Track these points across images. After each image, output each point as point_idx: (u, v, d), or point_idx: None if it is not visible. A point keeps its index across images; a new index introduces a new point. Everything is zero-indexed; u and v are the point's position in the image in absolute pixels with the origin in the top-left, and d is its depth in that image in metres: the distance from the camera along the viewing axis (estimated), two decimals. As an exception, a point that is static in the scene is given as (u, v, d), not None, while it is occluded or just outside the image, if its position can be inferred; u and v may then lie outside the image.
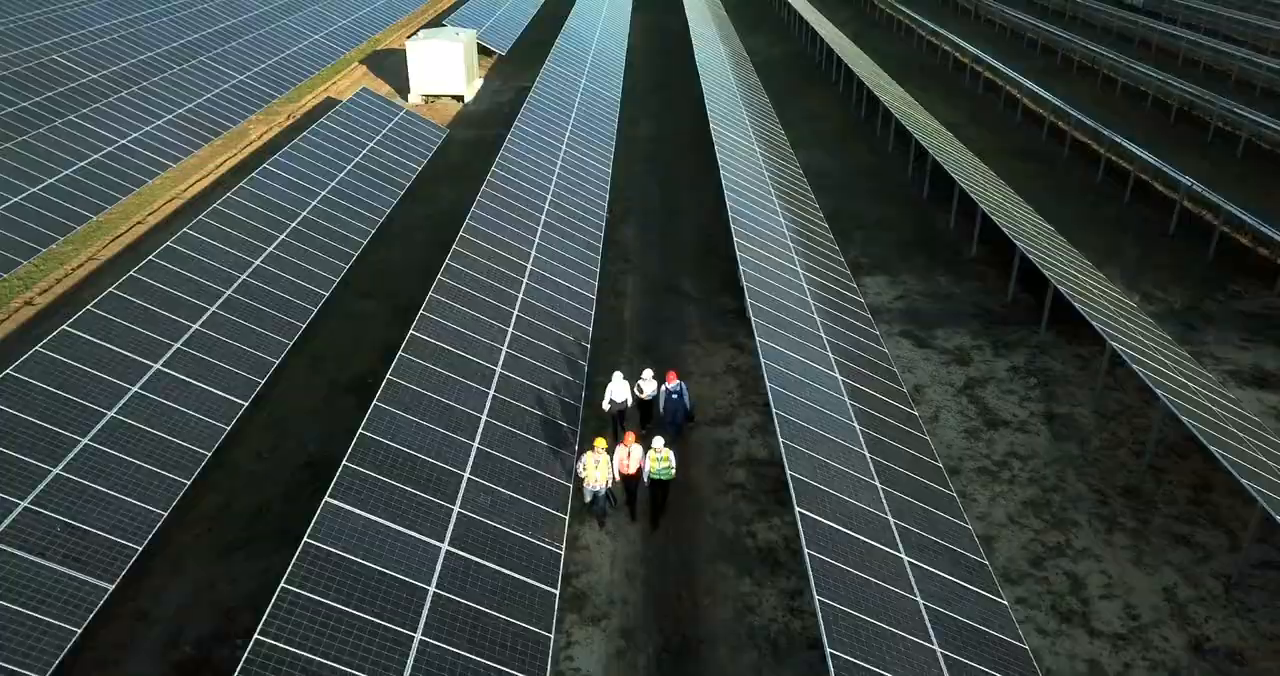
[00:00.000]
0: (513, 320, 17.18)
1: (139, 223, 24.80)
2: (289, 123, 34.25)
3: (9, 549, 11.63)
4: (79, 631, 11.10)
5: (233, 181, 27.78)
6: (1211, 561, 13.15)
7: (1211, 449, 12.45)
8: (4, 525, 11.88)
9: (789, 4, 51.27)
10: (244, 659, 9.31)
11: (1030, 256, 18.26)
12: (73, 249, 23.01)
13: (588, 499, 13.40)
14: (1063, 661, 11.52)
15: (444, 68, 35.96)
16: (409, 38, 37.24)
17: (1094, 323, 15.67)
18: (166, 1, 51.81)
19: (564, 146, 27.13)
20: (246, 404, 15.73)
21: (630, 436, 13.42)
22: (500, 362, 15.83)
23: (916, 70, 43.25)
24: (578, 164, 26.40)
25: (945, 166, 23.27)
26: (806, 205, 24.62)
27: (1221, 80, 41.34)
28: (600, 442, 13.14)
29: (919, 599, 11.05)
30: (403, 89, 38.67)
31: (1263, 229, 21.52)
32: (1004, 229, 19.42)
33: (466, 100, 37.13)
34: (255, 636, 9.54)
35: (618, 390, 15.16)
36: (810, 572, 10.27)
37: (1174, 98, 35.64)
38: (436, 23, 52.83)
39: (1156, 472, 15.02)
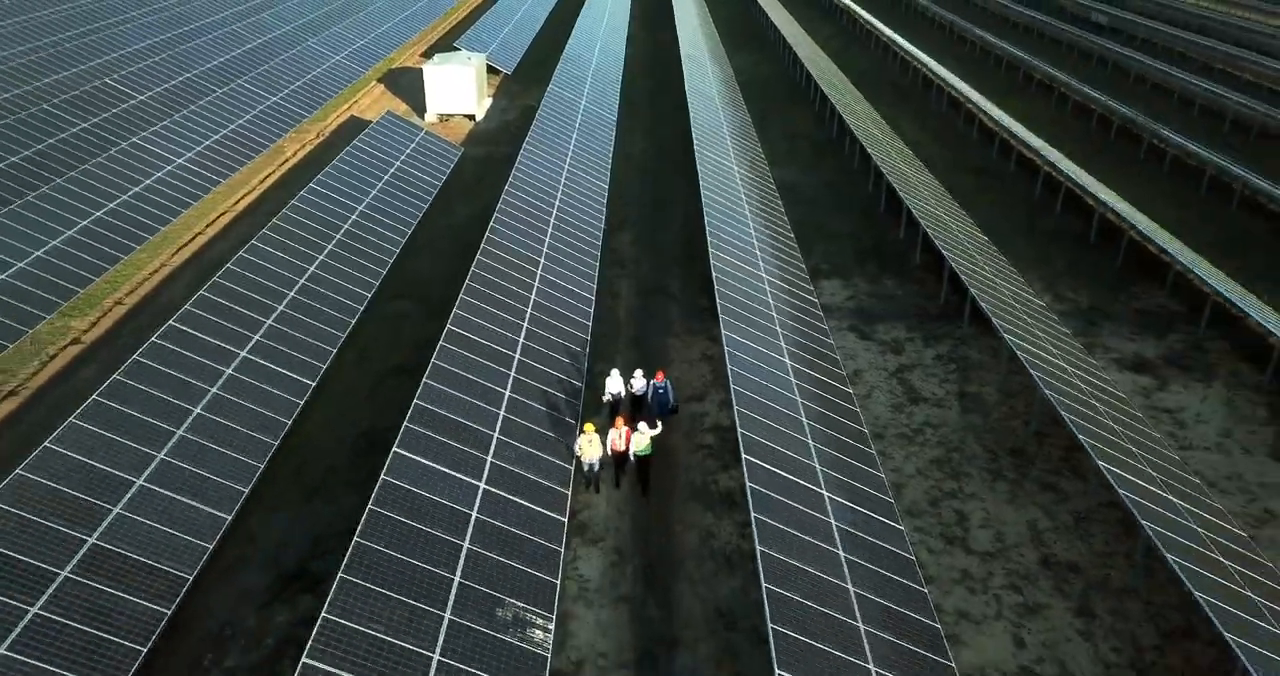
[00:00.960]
0: (527, 317, 21.07)
1: (199, 234, 28.65)
2: (319, 140, 38.09)
3: (156, 488, 15.52)
4: (210, 547, 14.97)
5: (275, 196, 31.70)
6: (1069, 502, 17.05)
7: (1064, 414, 16.33)
8: (151, 467, 15.77)
9: (774, 24, 55.07)
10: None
11: (954, 264, 22.15)
12: (146, 257, 26.87)
13: (585, 469, 17.09)
14: (943, 570, 15.41)
15: (458, 90, 39.83)
16: (426, 63, 41.11)
17: (994, 319, 19.56)
18: (197, 21, 55.67)
19: (566, 166, 31.02)
20: (314, 384, 19.62)
21: (620, 421, 17.13)
22: (519, 350, 19.71)
23: (889, 88, 47.17)
24: (579, 181, 30.29)
25: (894, 184, 27.17)
26: (776, 218, 28.51)
27: (1166, 98, 45.25)
28: (589, 427, 16.80)
29: (833, 521, 14.94)
30: (419, 107, 42.55)
31: (1156, 239, 25.40)
32: (936, 241, 23.32)
33: (477, 119, 41.01)
34: (355, 538, 13.42)
35: (613, 384, 18.88)
36: (750, 500, 14.14)
37: (1116, 116, 39.52)
38: (445, 40, 56.68)
39: (1039, 437, 18.91)
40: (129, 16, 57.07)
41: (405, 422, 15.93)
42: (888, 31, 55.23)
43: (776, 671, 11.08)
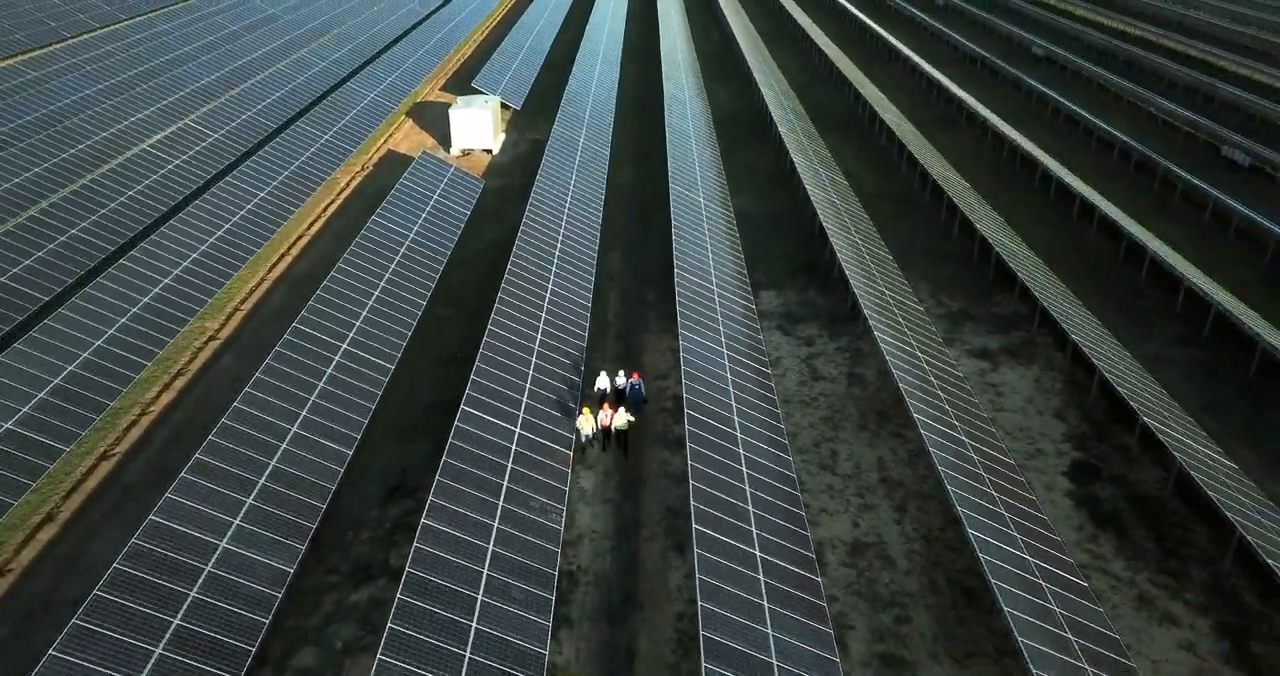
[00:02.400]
0: (542, 320, 29.42)
1: (285, 254, 36.99)
2: (364, 173, 46.41)
3: (306, 434, 23.85)
4: (341, 470, 23.32)
5: (337, 223, 40.02)
6: (908, 445, 25.42)
7: (901, 386, 24.65)
8: (299, 421, 24.09)
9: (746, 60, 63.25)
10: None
11: (851, 278, 30.50)
12: (248, 272, 35.21)
13: (582, 440, 25.28)
14: (815, 485, 23.77)
15: (478, 129, 48.14)
16: (451, 107, 49.41)
17: (869, 318, 27.90)
18: (245, 56, 63.89)
19: (569, 199, 39.36)
20: (393, 367, 27.99)
21: (606, 405, 25.28)
22: (537, 343, 28.06)
23: (839, 122, 55.50)
24: (578, 213, 38.65)
25: (820, 214, 35.49)
26: (730, 241, 36.87)
27: (1073, 129, 53.55)
28: (586, 410, 24.95)
29: (742, 451, 23.29)
30: (444, 140, 50.86)
31: (1014, 258, 33.75)
32: (841, 258, 31.66)
33: (494, 152, 49.33)
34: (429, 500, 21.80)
35: (602, 381, 27.00)
36: (689, 442, 22.44)
37: (1022, 151, 47.80)
38: (460, 70, 64.93)
39: (897, 404, 27.28)
40: (185, 52, 65.29)
41: (467, 391, 24.28)
42: (844, 68, 63.49)
43: (694, 527, 19.43)
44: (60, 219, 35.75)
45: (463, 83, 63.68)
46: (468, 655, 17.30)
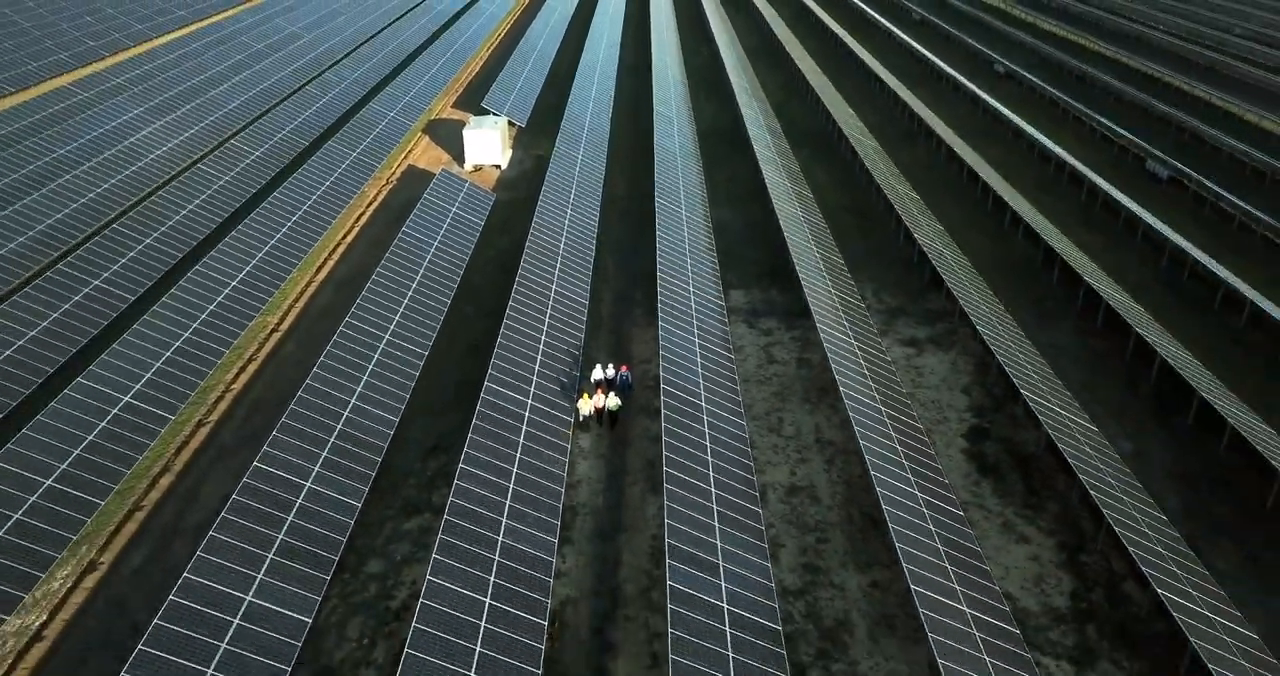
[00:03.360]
0: (547, 317, 35.76)
1: (327, 259, 43.32)
2: (389, 186, 52.74)
3: (364, 406, 30.23)
4: (391, 432, 29.68)
5: (369, 231, 46.34)
6: (840, 415, 31.76)
7: (833, 368, 30.96)
8: (356, 392, 30.46)
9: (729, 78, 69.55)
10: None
11: (803, 281, 36.81)
12: (299, 274, 41.55)
13: (580, 418, 31.54)
14: (763, 443, 30.11)
15: (488, 147, 54.45)
16: (465, 127, 55.72)
17: (814, 312, 34.21)
18: (273, 76, 70.14)
19: (569, 211, 45.70)
20: (426, 353, 34.33)
21: (600, 391, 31.55)
22: (542, 340, 34.42)
23: (811, 139, 61.84)
24: (577, 223, 44.99)
25: (783, 225, 41.79)
26: (708, 248, 43.20)
27: (1020, 144, 59.81)
28: (585, 395, 31.21)
29: (706, 418, 29.63)
30: (458, 156, 57.18)
31: (943, 261, 40.06)
32: (797, 264, 37.97)
33: (503, 167, 55.65)
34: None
35: (597, 372, 33.27)
36: (664, 411, 28.73)
37: (970, 163, 54.10)
38: (469, 87, 71.21)
39: (833, 382, 33.61)
40: (218, 72, 71.55)
41: (489, 373, 30.64)
42: (819, 86, 69.79)
43: (665, 470, 25.75)
44: (136, 230, 42.07)
45: (471, 99, 69.99)
46: (496, 559, 23.66)
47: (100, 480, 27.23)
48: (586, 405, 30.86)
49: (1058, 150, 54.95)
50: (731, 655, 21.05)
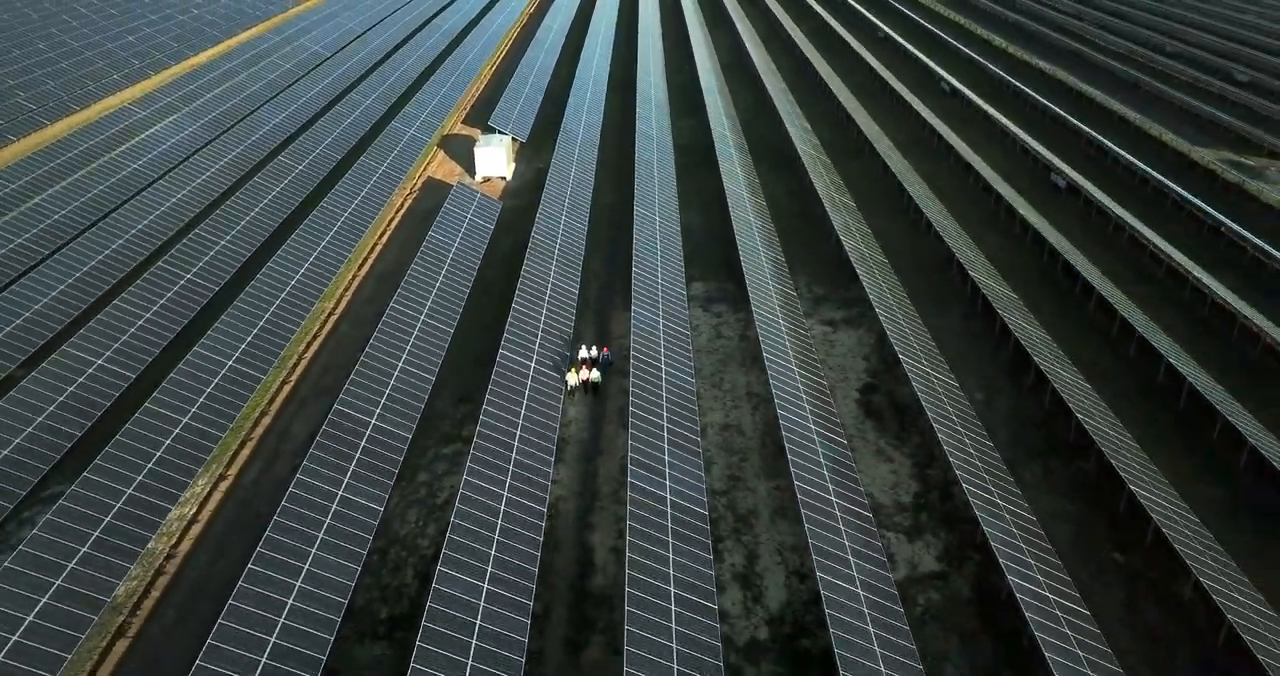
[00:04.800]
0: (545, 304, 45.87)
1: (366, 258, 53.41)
2: (413, 195, 62.83)
3: (411, 370, 40.40)
4: (430, 387, 39.81)
5: (399, 235, 56.39)
6: (765, 376, 41.94)
7: (761, 338, 41.06)
8: (400, 363, 40.63)
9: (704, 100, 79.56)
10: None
11: (746, 273, 46.89)
12: (345, 269, 51.63)
13: (568, 388, 41.66)
14: (708, 395, 40.26)
15: (496, 161, 64.50)
16: (475, 144, 65.74)
17: (752, 298, 44.33)
18: (304, 95, 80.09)
19: (563, 217, 55.81)
20: (452, 331, 44.47)
21: (584, 366, 41.63)
22: (542, 321, 44.54)
23: (771, 154, 71.94)
24: (570, 227, 55.10)
25: (736, 229, 51.85)
26: (676, 247, 53.31)
27: (955, 164, 69.83)
28: (573, 369, 41.29)
29: (664, 380, 39.75)
30: (469, 169, 67.23)
31: (854, 259, 50.16)
32: (743, 260, 48.06)
33: (508, 179, 65.71)
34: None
35: (583, 352, 43.35)
36: (631, 368, 38.84)
37: (897, 175, 64.07)
38: (477, 103, 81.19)
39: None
40: (255, 92, 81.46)
41: (502, 343, 40.75)
42: (782, 105, 79.82)
43: (631, 411, 35.88)
44: (213, 233, 52.14)
45: (478, 115, 79.99)
46: (510, 469, 33.79)
47: (220, 419, 37.36)
48: (574, 377, 40.92)
49: (975, 162, 65.10)
50: (671, 526, 31.23)
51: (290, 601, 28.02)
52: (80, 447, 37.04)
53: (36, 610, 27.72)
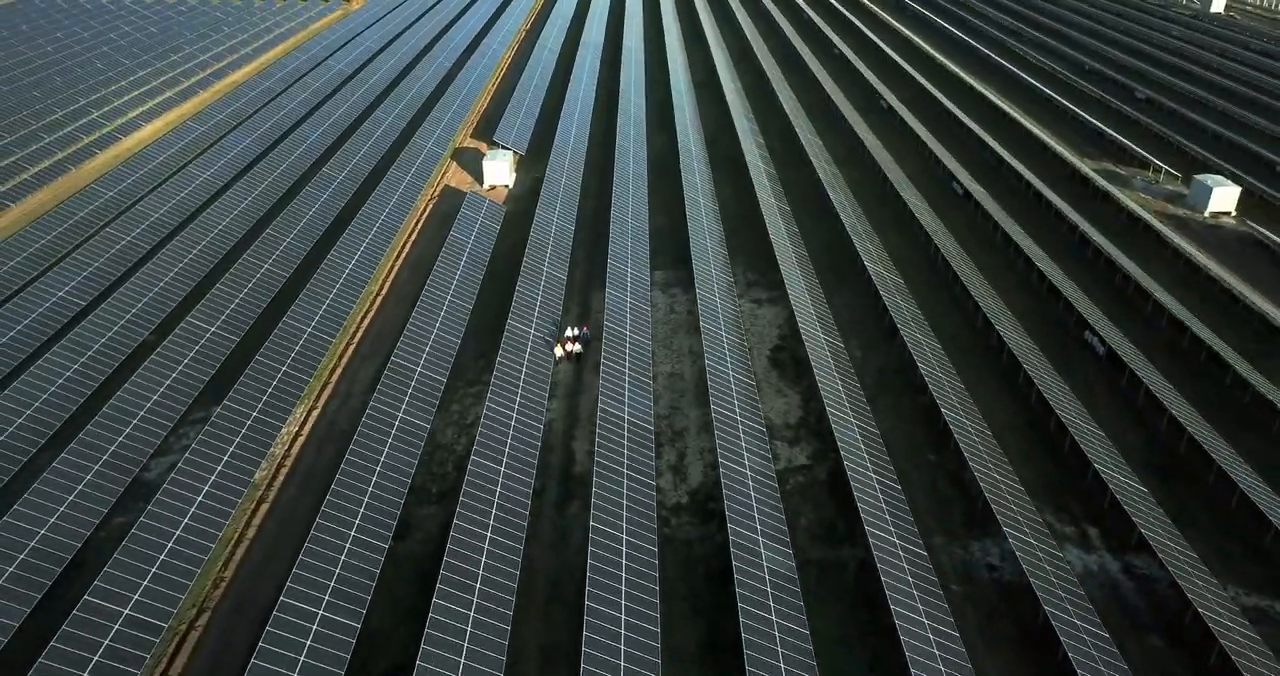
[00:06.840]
0: (541, 287, 60.57)
1: (399, 252, 68.07)
2: (433, 201, 77.41)
3: (438, 346, 55.20)
4: (458, 342, 54.55)
5: (425, 235, 71.02)
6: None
7: (701, 313, 55.72)
8: (432, 339, 55.43)
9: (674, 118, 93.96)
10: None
11: (694, 262, 61.57)
12: (385, 261, 66.28)
13: (555, 359, 56.27)
14: (660, 354, 55.06)
15: (501, 172, 79.07)
16: (484, 158, 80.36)
17: (696, 282, 58.99)
18: (338, 111, 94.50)
19: (555, 219, 70.49)
20: (471, 306, 59.18)
21: (569, 342, 56.17)
22: (539, 300, 59.24)
23: (727, 164, 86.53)
24: (561, 227, 69.77)
25: (690, 227, 66.48)
26: (644, 244, 67.96)
27: (922, 165, 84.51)
28: (560, 345, 55.85)
29: (628, 344, 54.50)
30: (478, 178, 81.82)
31: (777, 251, 64.89)
32: (693, 254, 62.74)
33: (510, 187, 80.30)
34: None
35: (568, 330, 57.90)
36: (603, 335, 53.52)
37: (820, 183, 78.79)
38: (482, 119, 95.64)
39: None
40: (292, 109, 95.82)
41: (507, 321, 55.45)
42: (739, 122, 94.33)
43: (601, 362, 50.60)
44: (282, 230, 66.69)
45: (483, 129, 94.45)
46: (518, 402, 48.52)
47: (300, 375, 52.06)
48: (560, 351, 55.47)
49: (892, 171, 79.87)
50: (627, 437, 46.00)
51: (373, 480, 42.80)
52: (211, 387, 51.69)
53: (207, 488, 42.42)
